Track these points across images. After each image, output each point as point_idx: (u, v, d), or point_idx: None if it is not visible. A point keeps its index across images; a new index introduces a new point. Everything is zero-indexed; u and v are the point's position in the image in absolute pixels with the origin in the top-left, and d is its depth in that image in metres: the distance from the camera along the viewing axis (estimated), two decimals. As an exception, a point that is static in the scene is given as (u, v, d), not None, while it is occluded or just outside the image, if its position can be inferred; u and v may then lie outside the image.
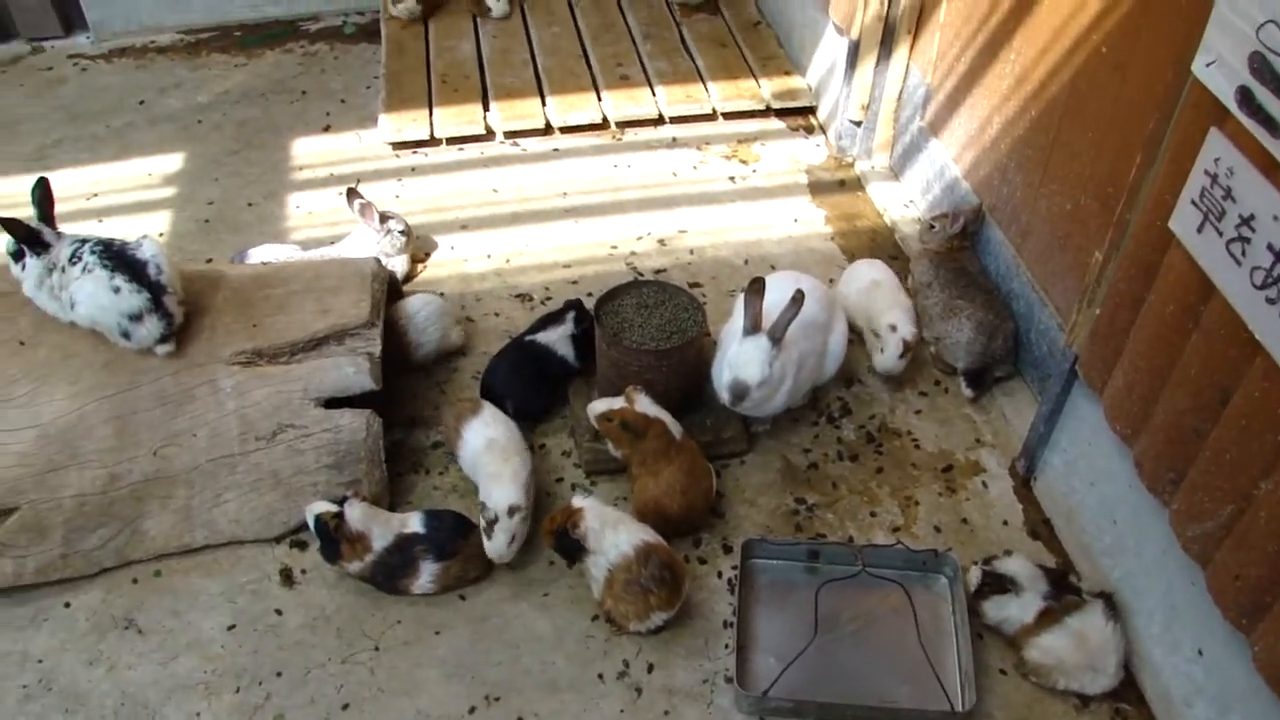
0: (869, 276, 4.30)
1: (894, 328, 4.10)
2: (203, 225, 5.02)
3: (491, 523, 3.40)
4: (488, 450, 3.61)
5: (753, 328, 3.61)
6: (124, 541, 3.63)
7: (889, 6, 4.80)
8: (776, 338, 3.58)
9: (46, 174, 5.21)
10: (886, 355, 4.13)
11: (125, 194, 5.27)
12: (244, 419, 3.62)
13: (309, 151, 5.50)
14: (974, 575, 3.40)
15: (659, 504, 3.54)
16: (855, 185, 5.29)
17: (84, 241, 3.61)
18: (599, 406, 3.70)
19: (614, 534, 3.33)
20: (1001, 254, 4.25)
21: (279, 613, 3.52)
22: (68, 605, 3.59)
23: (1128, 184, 3.05)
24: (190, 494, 3.64)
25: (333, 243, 4.68)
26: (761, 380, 3.59)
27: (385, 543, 3.43)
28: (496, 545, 3.43)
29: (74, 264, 3.55)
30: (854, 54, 5.05)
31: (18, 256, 3.65)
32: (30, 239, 3.58)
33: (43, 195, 3.71)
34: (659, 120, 5.63)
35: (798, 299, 3.51)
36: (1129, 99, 3.37)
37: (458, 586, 3.53)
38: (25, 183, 5.22)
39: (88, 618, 3.56)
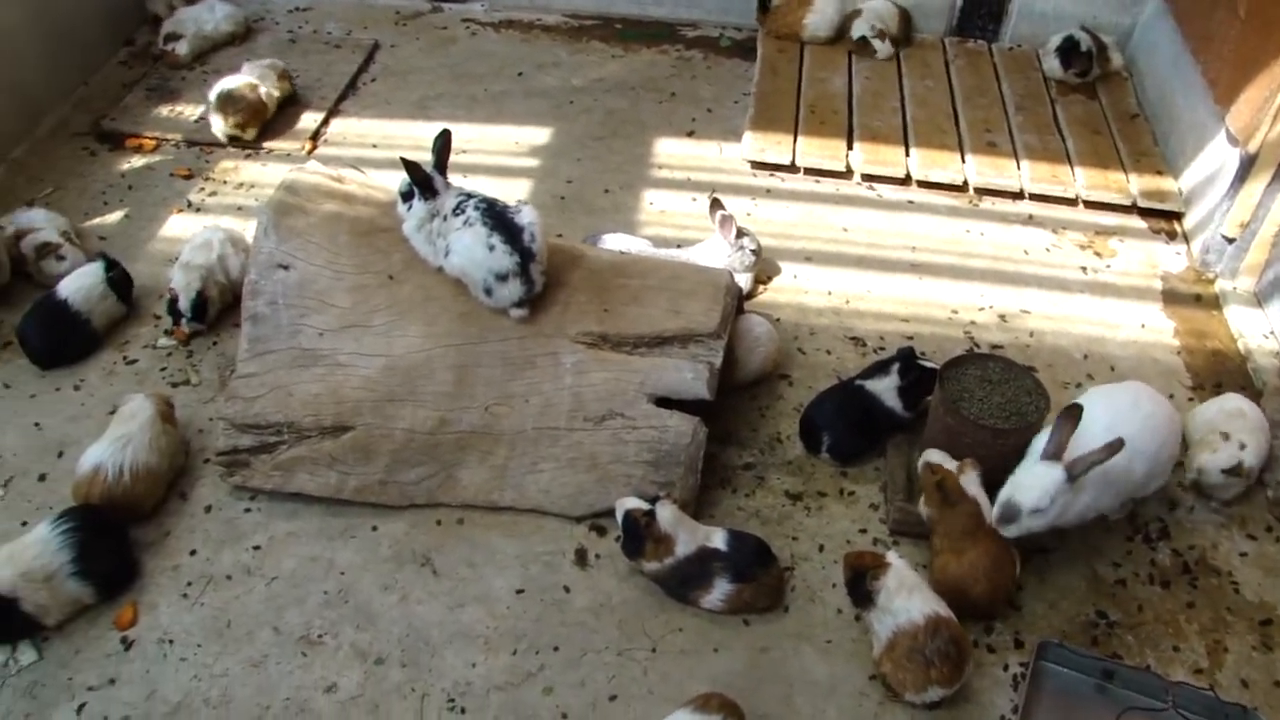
0: (1236, 405, 4.08)
1: (1242, 446, 3.88)
2: (559, 201, 5.20)
3: None
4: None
5: (1054, 453, 3.36)
6: (438, 484, 3.78)
7: (1300, 127, 4.54)
8: (1074, 474, 3.31)
9: (425, 124, 5.58)
10: (1216, 457, 3.93)
11: (492, 156, 5.52)
12: (577, 397, 3.72)
13: (670, 152, 5.62)
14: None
15: (959, 584, 3.45)
16: (1212, 303, 5.01)
17: (469, 196, 3.78)
18: (934, 456, 3.65)
19: (907, 599, 3.26)
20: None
21: (567, 590, 3.59)
22: (375, 529, 3.79)
23: None
24: (510, 455, 3.76)
25: (680, 245, 4.75)
26: (1035, 508, 3.34)
27: (688, 550, 3.46)
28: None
29: (457, 215, 3.73)
30: (1246, 167, 4.79)
31: (406, 197, 3.86)
32: (424, 183, 3.78)
33: (443, 145, 3.90)
34: (1019, 194, 5.49)
35: (1114, 447, 3.26)
36: None
37: (745, 612, 3.52)
38: (406, 126, 5.62)
39: (390, 546, 3.73)
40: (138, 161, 5.57)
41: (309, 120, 5.83)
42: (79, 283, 4.41)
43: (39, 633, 3.47)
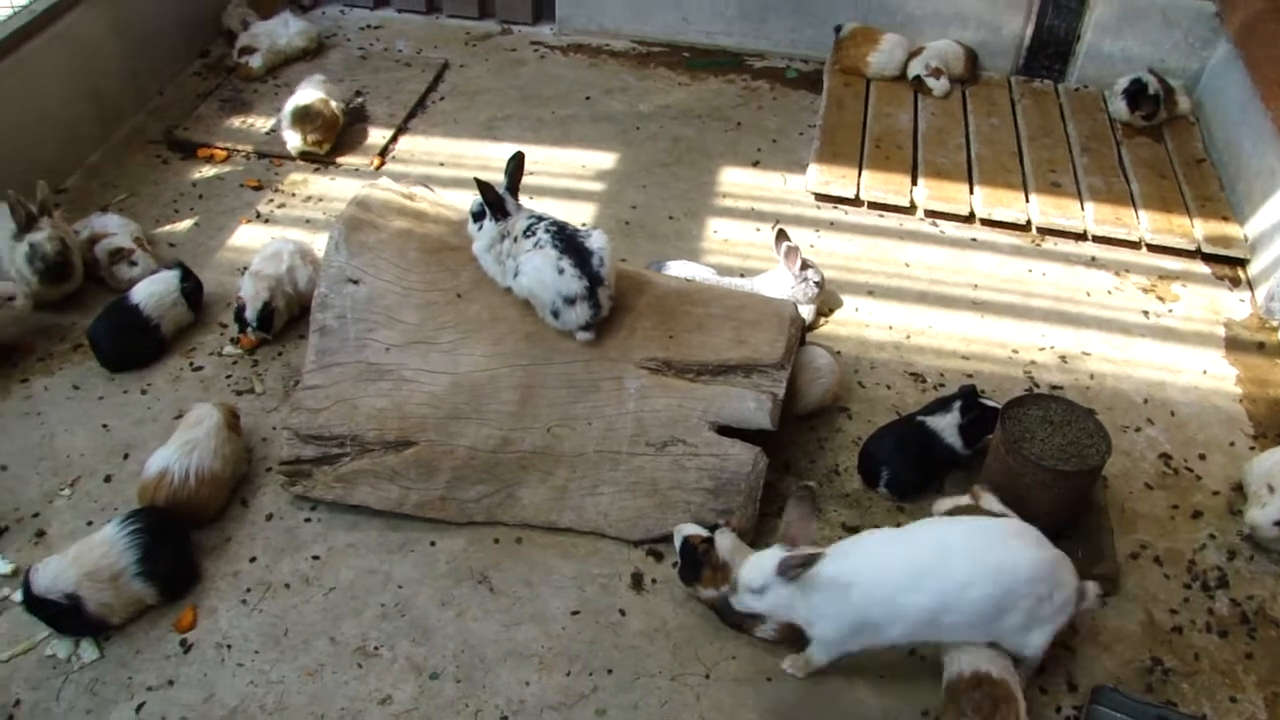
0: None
1: (1291, 496, 3.87)
2: (623, 226, 5.24)
3: None
4: None
5: (787, 537, 3.19)
6: (498, 502, 3.81)
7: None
8: (779, 570, 3.10)
9: (493, 144, 5.65)
10: (1265, 511, 3.90)
11: (557, 179, 5.57)
12: (640, 422, 3.74)
13: (734, 181, 5.65)
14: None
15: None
16: (1276, 351, 4.96)
17: (540, 219, 3.83)
18: (943, 505, 3.71)
19: (967, 651, 3.26)
20: None
21: (622, 613, 3.61)
22: (433, 545, 3.82)
23: None
24: (570, 477, 3.79)
25: (743, 275, 4.78)
26: (748, 587, 3.18)
27: None
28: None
29: (528, 237, 3.76)
30: (1314, 217, 4.76)
31: (477, 217, 3.91)
32: (496, 204, 3.82)
33: (515, 167, 3.96)
34: (1082, 236, 5.47)
35: (812, 560, 3.06)
36: None
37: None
38: (474, 146, 5.69)
39: (448, 561, 3.77)
40: (209, 171, 5.68)
41: (377, 137, 5.91)
42: (151, 289, 4.49)
43: (101, 631, 3.52)
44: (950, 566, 3.13)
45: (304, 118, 5.58)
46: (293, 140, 5.64)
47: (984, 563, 3.14)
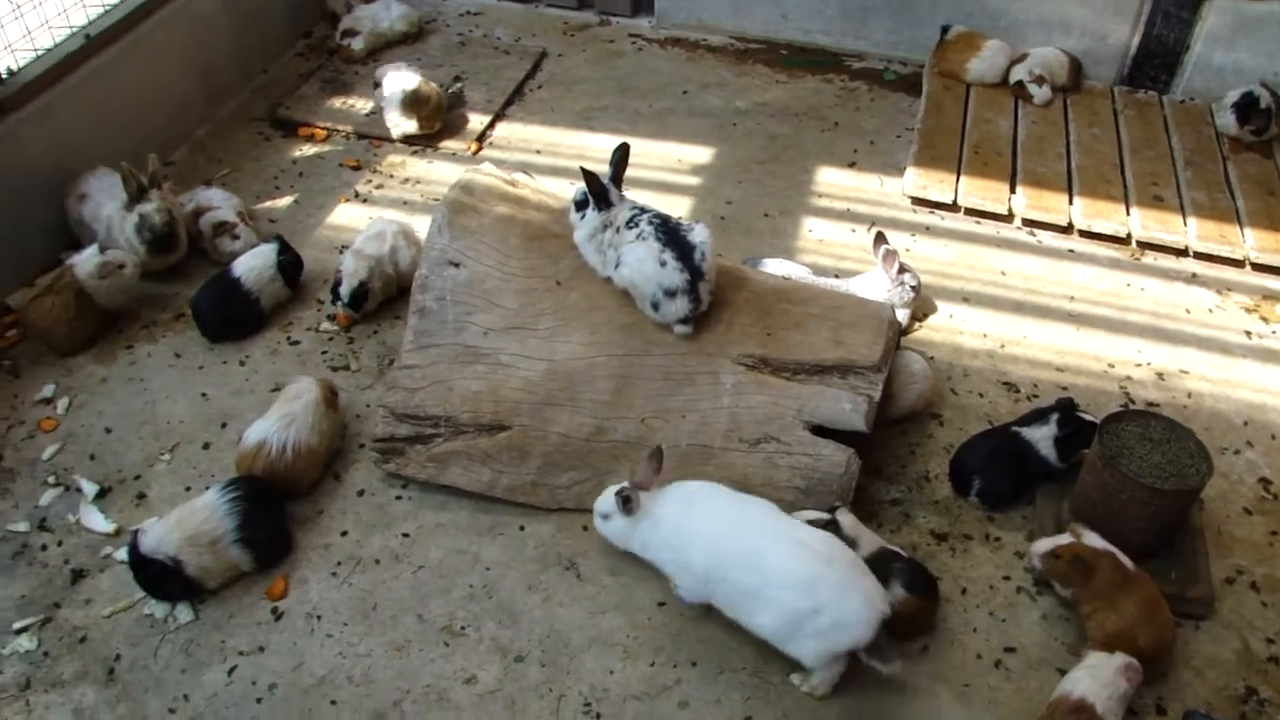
0: None
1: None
2: (718, 222, 5.23)
3: None
4: None
5: (636, 480, 3.51)
6: (588, 489, 3.83)
7: None
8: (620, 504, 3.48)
9: (589, 134, 5.67)
10: None
11: (653, 171, 5.58)
12: (734, 418, 3.74)
13: (830, 181, 5.62)
14: None
15: (1126, 636, 3.37)
16: (1381, 379, 4.85)
17: (643, 210, 3.84)
18: (1044, 545, 3.60)
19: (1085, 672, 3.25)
20: None
21: (709, 608, 3.61)
22: (522, 529, 3.85)
23: None
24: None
25: (837, 275, 4.76)
26: (597, 511, 3.60)
27: (869, 551, 3.49)
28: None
29: (630, 228, 3.78)
30: None
31: (580, 206, 3.93)
32: (600, 194, 3.84)
33: (620, 158, 3.97)
34: (1183, 251, 5.37)
35: (631, 504, 3.46)
36: None
37: (904, 623, 3.47)
38: (570, 135, 5.72)
39: (536, 546, 3.80)
40: (309, 150, 5.76)
41: (475, 122, 5.96)
42: (251, 263, 4.58)
43: (197, 595, 3.60)
44: (740, 537, 3.36)
45: (415, 102, 5.64)
46: (405, 125, 5.69)
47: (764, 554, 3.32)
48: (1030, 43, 6.37)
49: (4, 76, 4.65)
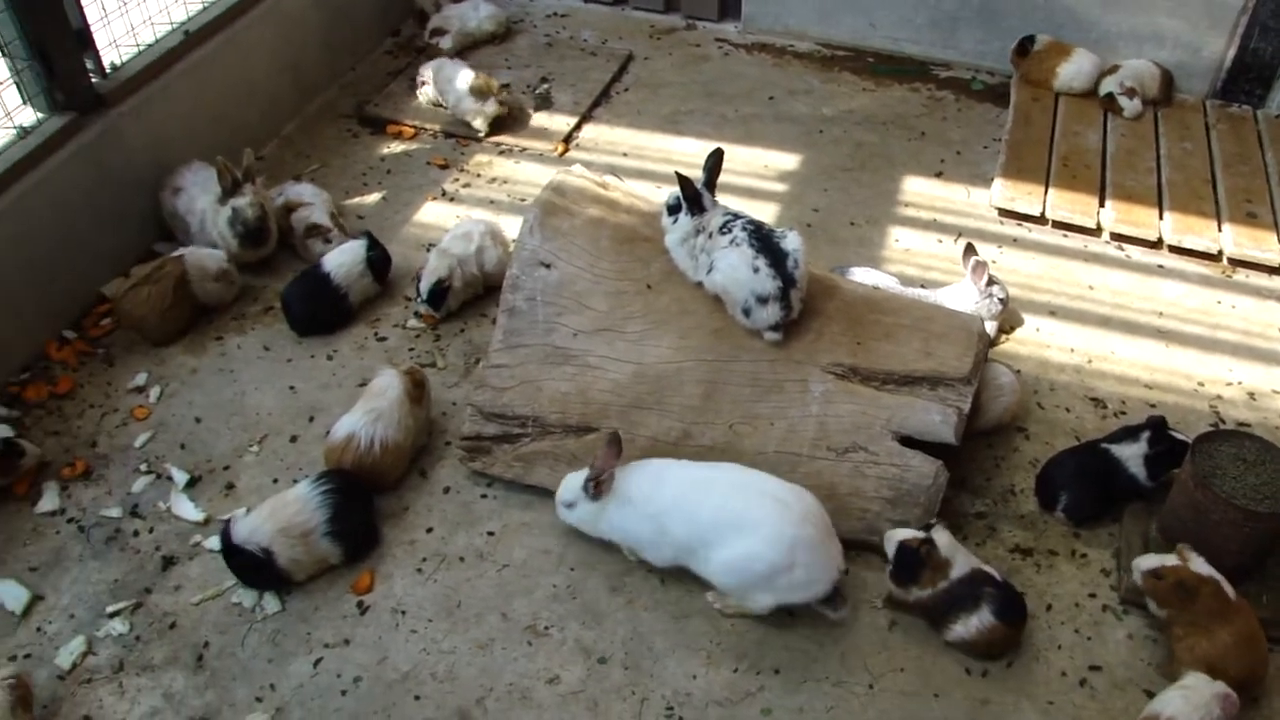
0: None
1: None
2: (805, 229, 5.20)
3: None
4: None
5: (595, 468, 3.55)
6: (673, 494, 3.82)
7: None
8: (588, 489, 3.56)
9: (675, 138, 5.68)
10: None
11: (739, 177, 5.57)
12: (822, 426, 3.73)
13: (917, 191, 5.58)
14: None
15: (1216, 664, 3.31)
16: None
17: (736, 216, 3.84)
18: (1148, 562, 3.52)
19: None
20: None
21: (791, 614, 3.60)
22: (606, 530, 3.86)
23: None
24: (747, 474, 3.79)
25: (924, 285, 4.73)
26: (560, 500, 3.69)
27: (962, 572, 3.45)
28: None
29: (724, 233, 3.78)
30: None
31: (672, 210, 3.93)
32: (694, 199, 3.84)
33: (714, 164, 3.97)
34: (1277, 270, 5.27)
35: (604, 480, 3.55)
36: None
37: (987, 648, 3.47)
38: (656, 139, 5.73)
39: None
40: (396, 147, 5.82)
41: (561, 123, 5.99)
42: (341, 259, 4.63)
43: (285, 586, 3.65)
44: (724, 505, 3.44)
45: (482, 90, 5.70)
46: (486, 109, 5.74)
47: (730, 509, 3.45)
48: (1121, 54, 6.28)
49: (108, 71, 4.74)
